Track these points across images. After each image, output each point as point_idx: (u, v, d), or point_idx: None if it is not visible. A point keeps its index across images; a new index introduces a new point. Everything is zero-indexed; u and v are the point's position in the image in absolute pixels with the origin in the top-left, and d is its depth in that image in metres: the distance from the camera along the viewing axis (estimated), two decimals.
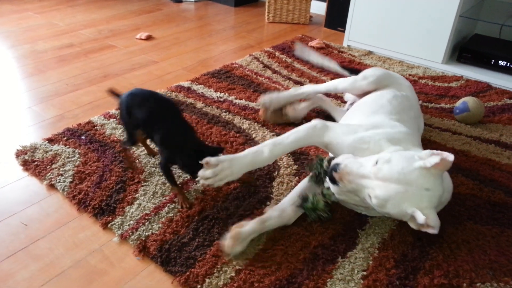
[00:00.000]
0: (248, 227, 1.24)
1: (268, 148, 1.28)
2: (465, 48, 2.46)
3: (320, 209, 1.29)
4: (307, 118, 1.87)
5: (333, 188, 1.20)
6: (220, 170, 1.22)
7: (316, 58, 2.21)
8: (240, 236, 1.21)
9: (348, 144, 1.28)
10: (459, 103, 1.94)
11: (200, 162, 1.22)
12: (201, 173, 1.22)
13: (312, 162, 1.31)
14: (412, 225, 1.12)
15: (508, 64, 2.34)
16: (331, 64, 2.14)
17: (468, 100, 1.91)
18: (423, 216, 1.06)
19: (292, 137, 1.31)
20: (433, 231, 1.07)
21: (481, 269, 1.21)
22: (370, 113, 1.46)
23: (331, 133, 1.32)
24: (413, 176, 1.08)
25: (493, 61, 2.39)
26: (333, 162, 1.21)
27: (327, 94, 2.01)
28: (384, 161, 1.11)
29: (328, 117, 1.91)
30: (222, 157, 1.24)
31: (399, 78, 1.70)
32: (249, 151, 1.28)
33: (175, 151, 1.32)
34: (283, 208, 1.32)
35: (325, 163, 1.26)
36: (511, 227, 1.36)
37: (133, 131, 1.44)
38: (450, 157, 1.06)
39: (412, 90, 1.67)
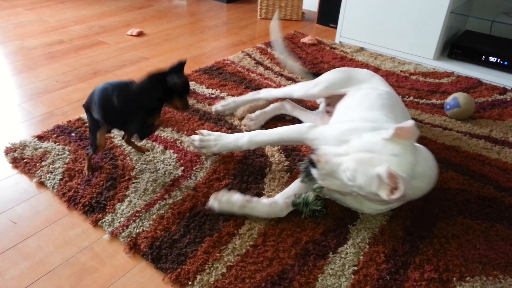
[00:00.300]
0: (235, 194, 1.33)
1: (249, 135, 1.45)
2: (456, 44, 2.47)
3: (311, 202, 1.29)
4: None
5: (314, 172, 1.22)
6: (207, 139, 1.52)
7: (283, 58, 2.12)
8: (223, 195, 1.32)
9: (331, 137, 1.31)
10: (449, 99, 1.95)
11: (197, 132, 1.41)
12: (192, 137, 1.55)
13: (304, 161, 1.32)
14: (382, 194, 1.10)
15: (499, 60, 2.36)
16: (295, 67, 2.07)
17: (459, 96, 1.92)
18: (386, 172, 1.06)
19: (278, 130, 1.38)
20: (400, 193, 1.05)
21: (470, 263, 1.22)
22: (364, 109, 1.45)
23: (318, 130, 1.36)
24: (380, 145, 1.14)
25: (483, 57, 2.40)
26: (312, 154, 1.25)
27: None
28: (356, 138, 1.18)
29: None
30: (213, 133, 1.54)
31: (366, 75, 1.67)
32: (236, 134, 1.50)
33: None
34: (274, 199, 1.34)
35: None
36: (500, 221, 1.37)
37: (95, 130, 1.39)
38: (408, 123, 1.10)
39: (385, 82, 1.66)
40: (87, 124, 1.43)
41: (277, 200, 1.33)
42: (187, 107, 1.39)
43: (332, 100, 1.73)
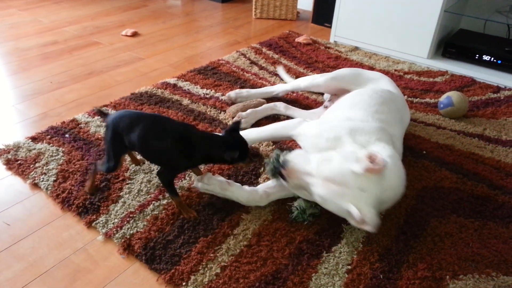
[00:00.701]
0: (217, 178, 1.37)
1: (245, 133, 1.41)
2: (450, 43, 2.48)
3: (307, 207, 1.31)
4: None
5: (283, 182, 1.26)
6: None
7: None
8: (207, 176, 1.36)
9: (311, 134, 1.33)
10: (443, 97, 1.95)
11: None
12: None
13: (271, 156, 1.32)
14: (352, 222, 1.15)
15: (492, 58, 2.37)
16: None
17: (452, 95, 1.93)
18: (357, 212, 1.10)
19: (268, 126, 1.39)
20: (370, 228, 1.11)
21: (463, 262, 1.23)
22: (347, 107, 1.48)
23: (303, 126, 1.37)
24: (349, 178, 1.12)
25: (477, 56, 2.41)
26: (284, 158, 1.25)
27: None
28: (326, 160, 1.16)
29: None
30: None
31: (376, 75, 1.69)
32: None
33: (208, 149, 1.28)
34: (255, 188, 1.38)
35: (281, 158, 1.27)
36: (493, 219, 1.38)
37: (120, 155, 1.33)
38: (378, 165, 1.08)
39: (394, 85, 1.67)
40: (105, 142, 1.33)
41: (258, 189, 1.37)
42: (248, 164, 1.36)
43: (335, 97, 1.75)
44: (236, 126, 1.31)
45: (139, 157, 1.53)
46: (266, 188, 1.38)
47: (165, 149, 1.24)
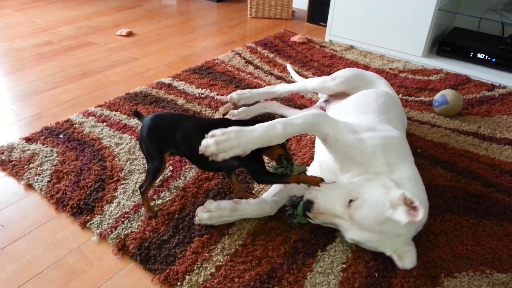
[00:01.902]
0: (222, 202, 1.29)
1: (281, 125, 1.18)
2: (445, 42, 2.48)
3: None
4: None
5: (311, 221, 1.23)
6: (224, 140, 1.13)
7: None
8: (211, 205, 1.28)
9: (346, 143, 1.23)
10: (437, 96, 1.96)
11: (207, 135, 1.15)
12: (203, 141, 1.14)
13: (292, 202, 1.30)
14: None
15: (487, 57, 2.38)
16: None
17: (447, 93, 1.93)
18: (397, 259, 1.14)
19: (301, 119, 1.22)
20: (407, 268, 1.14)
21: (458, 259, 1.23)
22: (358, 112, 1.45)
23: (333, 126, 1.26)
24: (385, 227, 1.11)
25: (472, 54, 2.42)
26: (305, 198, 1.21)
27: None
28: (357, 207, 1.12)
29: None
30: (228, 128, 1.15)
31: (374, 77, 1.70)
32: (260, 125, 1.18)
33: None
34: (262, 198, 1.33)
35: (304, 199, 1.23)
36: (487, 217, 1.39)
37: (163, 152, 1.27)
38: (419, 214, 1.04)
39: (390, 86, 1.67)
40: (143, 145, 1.28)
41: (265, 199, 1.34)
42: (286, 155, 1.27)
43: (332, 98, 1.75)
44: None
45: None
46: (273, 196, 1.35)
47: None
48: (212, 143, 1.12)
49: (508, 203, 1.44)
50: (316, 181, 1.21)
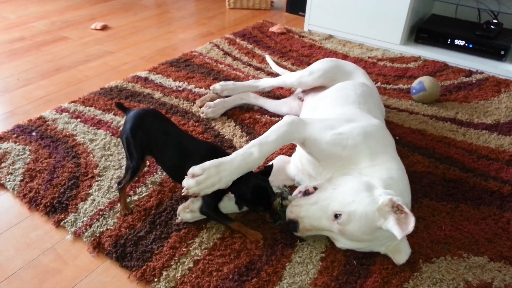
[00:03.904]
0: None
1: (256, 148, 1.18)
2: (422, 29, 2.49)
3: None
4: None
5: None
6: (205, 178, 1.12)
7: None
8: (194, 204, 1.24)
9: (326, 141, 1.21)
10: (415, 83, 1.96)
11: (187, 176, 1.13)
12: (184, 182, 1.13)
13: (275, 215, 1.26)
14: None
15: (464, 43, 2.39)
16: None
17: (424, 80, 1.94)
18: (392, 257, 1.16)
19: (275, 134, 1.21)
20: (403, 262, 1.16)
21: (436, 245, 1.24)
22: (338, 105, 1.43)
23: (308, 128, 1.24)
24: (376, 234, 1.11)
25: (449, 40, 2.43)
26: (288, 218, 1.18)
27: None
28: (345, 223, 1.09)
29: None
30: (207, 163, 1.14)
31: (352, 67, 1.68)
32: (236, 154, 1.18)
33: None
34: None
35: (287, 218, 1.20)
36: (465, 202, 1.40)
37: (144, 154, 1.25)
38: (410, 226, 1.02)
39: (368, 76, 1.67)
40: (124, 141, 1.24)
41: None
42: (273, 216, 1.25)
43: (309, 89, 1.73)
44: (269, 170, 1.23)
45: None
46: None
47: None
48: (194, 184, 1.12)
49: (485, 187, 1.46)
50: (255, 239, 1.20)
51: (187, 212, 1.25)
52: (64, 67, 2.21)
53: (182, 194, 1.14)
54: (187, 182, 1.13)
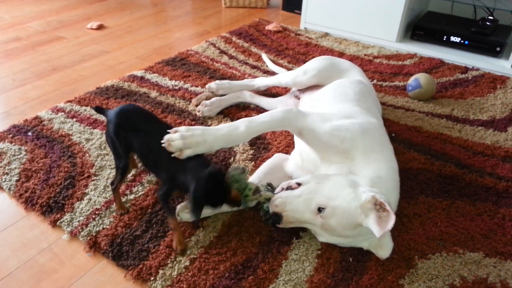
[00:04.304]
0: None
1: (244, 124, 1.20)
2: (418, 26, 2.49)
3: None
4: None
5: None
6: (190, 135, 1.12)
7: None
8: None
9: (324, 132, 1.21)
10: (411, 80, 1.97)
11: (168, 130, 1.12)
12: (167, 136, 1.12)
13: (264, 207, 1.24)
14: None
15: (460, 40, 2.39)
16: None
17: (420, 77, 1.94)
18: (375, 252, 1.16)
19: (268, 117, 1.22)
20: (385, 257, 1.16)
21: (432, 241, 1.24)
22: (336, 102, 1.43)
23: (307, 118, 1.25)
24: (358, 230, 1.11)
25: (445, 37, 2.43)
26: (271, 210, 1.16)
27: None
28: (328, 216, 1.09)
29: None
30: (195, 127, 1.16)
31: (347, 65, 1.68)
32: (224, 125, 1.20)
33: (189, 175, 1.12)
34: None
35: (270, 210, 1.18)
36: (460, 198, 1.40)
37: (126, 154, 1.24)
38: (389, 224, 1.02)
39: (364, 74, 1.67)
40: (109, 141, 1.26)
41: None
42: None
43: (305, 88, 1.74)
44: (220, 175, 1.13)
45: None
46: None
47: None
48: (178, 137, 1.11)
49: (481, 183, 1.46)
50: (180, 249, 1.16)
51: (186, 212, 1.25)
52: (60, 67, 2.21)
53: (162, 145, 1.12)
54: (171, 136, 1.11)
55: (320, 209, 1.11)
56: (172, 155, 1.12)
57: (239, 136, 1.19)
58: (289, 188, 1.20)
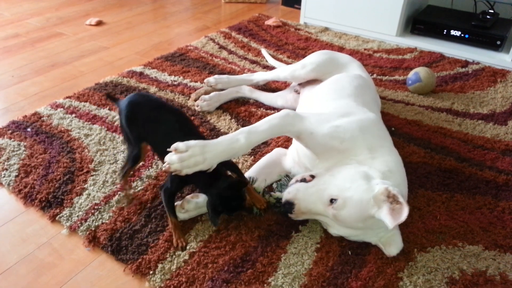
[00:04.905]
0: (199, 198, 1.25)
1: (244, 135, 1.17)
2: (418, 20, 2.48)
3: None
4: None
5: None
6: (188, 156, 1.10)
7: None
8: (189, 204, 1.24)
9: (323, 134, 1.21)
10: (411, 74, 1.96)
11: (168, 150, 1.11)
12: (167, 157, 1.11)
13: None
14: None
15: (460, 33, 2.38)
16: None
17: (420, 71, 1.93)
18: (384, 249, 1.16)
19: (266, 125, 1.21)
20: (394, 254, 1.16)
21: (431, 234, 1.24)
22: (333, 98, 1.43)
23: (304, 122, 1.24)
24: (369, 223, 1.10)
25: (445, 31, 2.42)
26: (284, 198, 1.18)
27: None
28: (340, 207, 1.09)
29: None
30: (192, 142, 1.12)
31: (347, 59, 1.68)
32: (223, 138, 1.17)
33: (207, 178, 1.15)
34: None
35: (282, 200, 1.20)
36: (460, 191, 1.40)
37: (138, 143, 1.24)
38: (403, 216, 1.02)
39: (363, 68, 1.66)
40: (123, 136, 1.29)
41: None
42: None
43: (305, 82, 1.73)
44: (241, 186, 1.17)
45: None
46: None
47: None
48: (176, 160, 1.10)
49: (481, 177, 1.46)
50: (181, 246, 1.17)
51: (183, 212, 1.24)
52: (59, 63, 2.20)
53: (163, 169, 1.14)
54: (170, 158, 1.10)
55: (332, 200, 1.11)
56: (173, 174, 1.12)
57: (240, 148, 1.17)
58: (303, 180, 1.20)
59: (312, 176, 1.21)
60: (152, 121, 1.22)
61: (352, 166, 1.18)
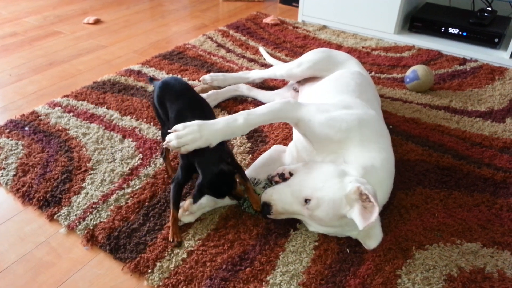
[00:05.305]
0: (201, 200, 1.25)
1: (243, 116, 1.20)
2: (416, 17, 2.48)
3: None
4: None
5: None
6: (185, 133, 1.13)
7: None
8: (192, 208, 1.23)
9: (320, 122, 1.21)
10: (409, 72, 1.96)
11: (169, 131, 1.17)
12: (167, 137, 1.15)
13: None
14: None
15: (458, 31, 2.38)
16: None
17: (418, 69, 1.93)
18: (364, 243, 1.16)
19: (267, 109, 1.23)
20: (373, 247, 1.16)
21: (429, 232, 1.24)
22: (337, 92, 1.42)
23: (304, 109, 1.25)
24: (344, 220, 1.10)
25: (443, 28, 2.42)
26: (262, 200, 1.19)
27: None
28: (314, 208, 1.10)
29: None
30: (190, 122, 1.16)
31: (345, 57, 1.67)
32: (221, 118, 1.19)
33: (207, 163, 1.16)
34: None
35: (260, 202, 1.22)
36: (458, 189, 1.40)
37: (167, 121, 1.30)
38: (373, 217, 1.01)
39: (362, 66, 1.65)
40: (155, 114, 1.39)
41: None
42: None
43: (303, 80, 1.72)
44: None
45: None
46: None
47: None
48: (173, 137, 1.14)
49: (479, 174, 1.46)
50: (176, 241, 1.17)
51: (187, 215, 1.24)
52: (57, 61, 2.20)
53: (163, 146, 1.18)
54: (169, 136, 1.16)
55: (306, 200, 1.12)
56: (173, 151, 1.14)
57: (238, 128, 1.19)
58: (282, 175, 1.22)
59: (291, 174, 1.22)
60: (173, 103, 1.28)
61: (328, 163, 1.19)
